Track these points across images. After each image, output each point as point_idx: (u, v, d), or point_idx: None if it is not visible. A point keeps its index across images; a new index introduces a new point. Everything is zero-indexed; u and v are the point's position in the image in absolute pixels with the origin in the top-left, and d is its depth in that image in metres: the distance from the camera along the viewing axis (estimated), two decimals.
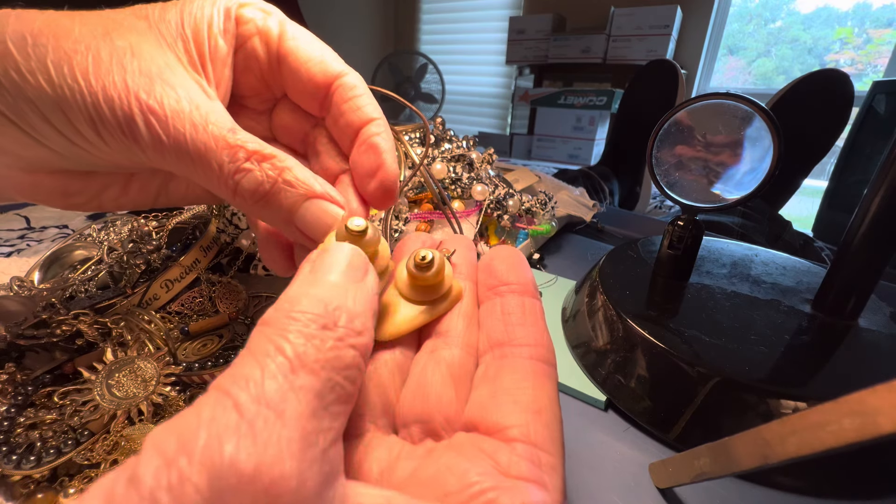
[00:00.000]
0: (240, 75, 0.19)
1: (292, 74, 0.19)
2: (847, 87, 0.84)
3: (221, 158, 0.15)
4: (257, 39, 0.18)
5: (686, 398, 0.26)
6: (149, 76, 0.14)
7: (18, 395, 0.23)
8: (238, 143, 0.15)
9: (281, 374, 0.10)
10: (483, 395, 0.14)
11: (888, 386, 0.13)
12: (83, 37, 0.14)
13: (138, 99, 0.14)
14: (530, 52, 1.99)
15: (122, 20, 0.15)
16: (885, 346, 0.28)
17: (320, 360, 0.10)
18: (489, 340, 0.15)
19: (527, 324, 0.15)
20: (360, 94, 0.19)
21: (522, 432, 0.12)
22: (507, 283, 0.16)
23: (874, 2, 1.67)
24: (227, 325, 0.30)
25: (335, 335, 0.11)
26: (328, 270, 0.12)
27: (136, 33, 0.15)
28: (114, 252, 0.31)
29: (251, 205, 0.15)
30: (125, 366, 0.24)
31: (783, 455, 0.16)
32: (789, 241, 0.77)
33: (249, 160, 0.15)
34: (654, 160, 0.34)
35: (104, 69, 0.14)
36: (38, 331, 0.25)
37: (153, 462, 0.08)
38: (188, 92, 0.15)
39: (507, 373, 0.14)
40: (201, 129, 0.15)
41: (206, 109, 0.15)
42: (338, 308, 0.11)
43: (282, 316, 0.11)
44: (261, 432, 0.08)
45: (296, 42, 0.18)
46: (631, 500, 0.23)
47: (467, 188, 0.44)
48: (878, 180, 0.27)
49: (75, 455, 0.22)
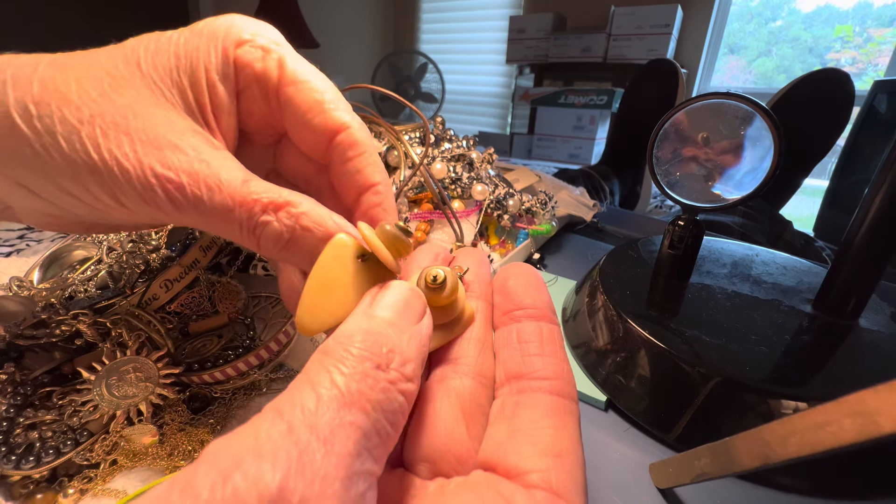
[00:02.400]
0: (243, 117, 0.19)
1: (292, 123, 0.18)
2: (848, 86, 0.84)
3: (241, 216, 0.15)
4: (256, 86, 0.17)
5: (686, 398, 0.26)
6: (156, 143, 0.14)
7: (18, 395, 0.23)
8: (253, 198, 0.15)
9: (335, 406, 0.10)
10: (500, 433, 0.13)
11: (888, 386, 0.13)
12: (84, 101, 0.14)
13: (154, 170, 0.14)
14: (530, 52, 1.99)
15: (116, 72, 0.15)
16: (886, 346, 0.28)
17: (371, 399, 0.10)
18: (506, 372, 0.14)
19: (545, 353, 0.14)
20: (362, 152, 0.18)
21: (543, 479, 0.12)
22: (523, 307, 0.15)
23: (875, 1, 1.67)
24: (227, 325, 0.29)
25: (387, 377, 0.11)
26: (386, 308, 0.12)
27: (133, 87, 0.15)
28: (113, 252, 0.31)
29: (275, 254, 0.16)
30: (125, 366, 0.24)
31: (783, 455, 0.16)
32: (790, 241, 0.77)
33: (266, 212, 0.15)
34: (654, 160, 0.34)
35: (114, 140, 0.14)
36: (37, 331, 0.25)
37: (210, 475, 0.08)
38: (196, 151, 0.15)
39: (525, 409, 0.13)
40: (216, 190, 0.15)
41: (217, 166, 0.15)
42: (391, 350, 0.11)
43: (339, 348, 0.11)
44: (309, 465, 0.08)
45: (296, 88, 0.17)
46: (631, 500, 0.23)
47: (467, 188, 0.44)
48: (879, 180, 0.27)
49: (75, 455, 0.22)
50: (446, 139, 0.49)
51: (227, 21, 0.17)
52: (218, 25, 0.17)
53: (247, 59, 0.17)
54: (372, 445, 0.10)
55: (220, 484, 0.08)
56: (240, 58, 0.17)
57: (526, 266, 0.17)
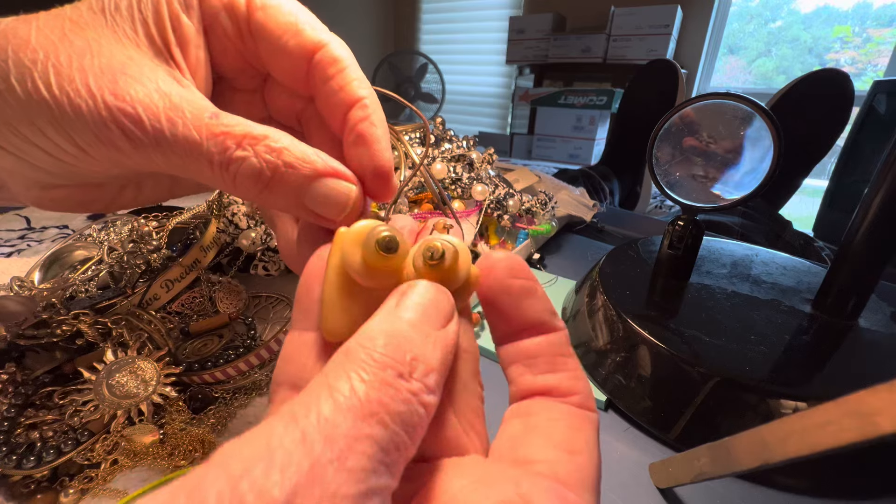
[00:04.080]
0: (218, 56, 0.17)
1: (267, 52, 0.17)
2: (847, 86, 0.84)
3: (209, 150, 0.13)
4: (224, 15, 0.16)
5: (686, 398, 0.26)
6: (111, 74, 0.13)
7: (18, 395, 0.23)
8: (223, 130, 0.14)
9: (352, 416, 0.09)
10: (515, 428, 0.13)
11: (888, 386, 0.13)
12: (41, 44, 0.13)
13: (105, 103, 0.13)
14: (530, 52, 1.99)
15: (79, 17, 0.14)
16: (886, 346, 0.28)
17: (391, 411, 0.10)
18: (518, 392, 0.14)
19: (557, 369, 0.13)
20: (343, 68, 0.16)
21: (550, 468, 0.11)
22: (522, 326, 0.14)
23: (874, 1, 1.67)
24: (227, 325, 0.30)
25: (409, 388, 0.10)
26: (411, 310, 0.12)
27: (93, 29, 0.14)
28: (114, 252, 0.31)
29: (255, 195, 0.14)
30: (125, 366, 0.24)
31: (783, 455, 0.16)
32: (789, 241, 0.77)
33: (241, 146, 0.14)
34: (654, 160, 0.34)
35: (66, 76, 0.13)
36: (38, 331, 0.25)
37: (219, 481, 0.08)
38: (157, 84, 0.14)
39: (541, 410, 0.13)
40: (180, 123, 0.13)
41: (180, 99, 0.14)
42: (415, 359, 0.11)
43: (361, 351, 0.10)
44: (320, 480, 0.08)
45: (265, 12, 0.16)
46: (631, 500, 0.23)
47: (467, 188, 0.44)
48: (879, 180, 0.27)
49: (75, 455, 0.22)
50: (446, 139, 0.49)
51: None
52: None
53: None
54: (389, 461, 0.09)
55: (228, 492, 0.08)
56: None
57: (509, 261, 0.14)
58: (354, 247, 0.13)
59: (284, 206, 0.15)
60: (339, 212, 0.15)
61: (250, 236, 0.34)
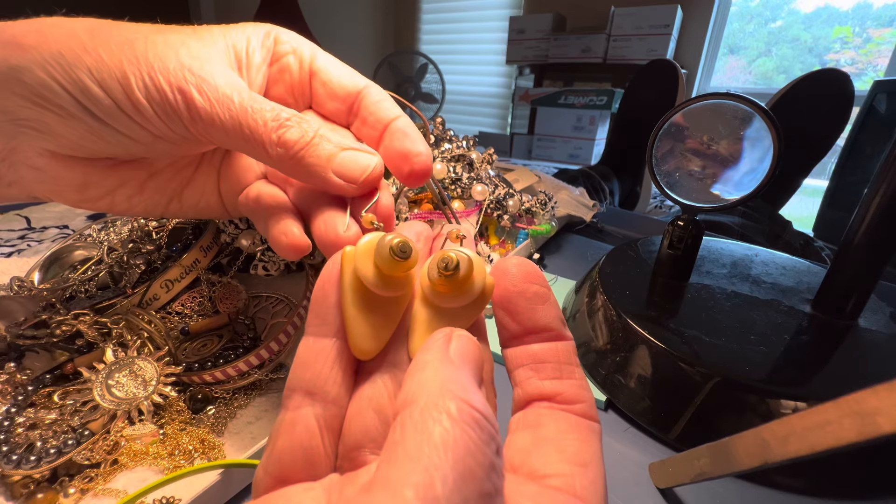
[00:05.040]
0: (270, 86, 0.21)
1: (324, 85, 0.21)
2: (847, 86, 0.84)
3: (265, 117, 0.17)
4: (292, 57, 0.21)
5: (686, 398, 0.26)
6: (199, 59, 0.17)
7: (18, 395, 0.23)
8: (277, 108, 0.17)
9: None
10: (524, 439, 0.13)
11: (888, 386, 0.13)
12: (140, 29, 0.17)
13: (191, 71, 0.17)
14: (530, 52, 1.99)
15: (170, 27, 0.18)
16: (885, 346, 0.28)
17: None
18: (524, 395, 0.14)
19: (563, 376, 0.14)
20: (385, 98, 0.21)
21: (567, 483, 0.11)
22: (533, 330, 0.14)
23: (874, 1, 1.67)
24: (227, 325, 0.30)
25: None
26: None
27: (184, 34, 0.18)
28: (114, 252, 0.31)
29: (290, 156, 0.17)
30: (125, 366, 0.24)
31: (783, 455, 0.16)
32: (789, 241, 0.77)
33: (288, 119, 0.17)
34: (654, 160, 0.34)
35: (160, 51, 0.17)
36: (38, 331, 0.25)
37: None
38: (230, 77, 0.18)
39: (550, 421, 0.13)
40: (247, 96, 0.17)
41: (244, 89, 0.17)
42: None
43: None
44: None
45: (326, 61, 0.21)
46: (631, 500, 0.23)
47: (467, 188, 0.44)
48: (879, 180, 0.27)
49: (75, 455, 0.22)
50: (446, 139, 0.49)
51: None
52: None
53: (285, 39, 0.21)
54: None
55: None
56: (279, 37, 0.21)
57: (525, 268, 0.15)
58: (366, 259, 0.13)
59: (313, 170, 0.17)
60: (359, 176, 0.18)
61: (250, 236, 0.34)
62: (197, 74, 0.17)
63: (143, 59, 0.16)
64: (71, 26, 0.16)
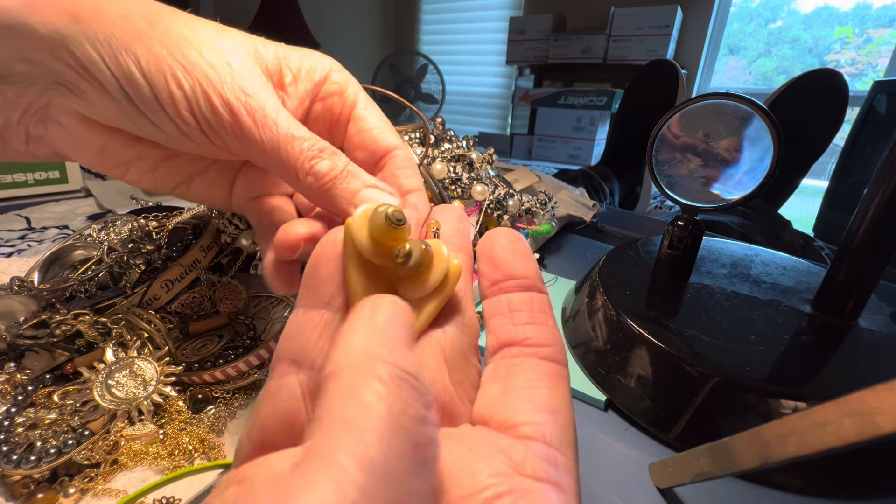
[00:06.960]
0: (311, 122, 0.22)
1: (358, 135, 0.22)
2: (841, 86, 0.84)
3: (303, 146, 0.17)
4: (337, 98, 0.21)
5: (686, 398, 0.26)
6: (251, 79, 0.17)
7: (18, 395, 0.23)
8: (315, 137, 0.18)
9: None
10: (494, 392, 0.13)
11: (888, 386, 0.13)
12: (197, 29, 0.17)
13: (243, 90, 0.17)
14: (530, 53, 1.99)
15: (229, 31, 0.19)
16: (885, 346, 0.28)
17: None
18: (497, 340, 0.15)
19: (536, 322, 0.14)
20: (408, 167, 0.21)
21: (538, 430, 0.12)
22: (512, 276, 0.15)
23: (874, 2, 1.67)
24: (227, 325, 0.30)
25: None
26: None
27: (239, 42, 0.19)
28: (114, 252, 0.31)
29: (319, 186, 0.18)
30: (125, 366, 0.24)
31: (783, 455, 0.16)
32: (789, 241, 0.77)
33: (322, 150, 0.18)
34: (654, 160, 0.34)
35: (216, 60, 0.17)
36: (38, 331, 0.25)
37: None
38: (275, 101, 0.18)
39: (519, 371, 0.13)
40: (291, 122, 0.18)
41: (288, 115, 0.18)
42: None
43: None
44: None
45: (367, 110, 0.22)
46: (631, 500, 0.23)
47: (467, 188, 0.44)
48: (879, 180, 0.27)
49: (75, 455, 0.22)
50: (446, 140, 0.49)
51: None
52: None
53: (336, 78, 0.21)
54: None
55: None
56: (331, 75, 0.21)
57: (511, 232, 0.16)
58: (362, 228, 0.14)
59: (337, 200, 0.18)
60: None
61: (250, 236, 0.34)
62: (247, 93, 0.17)
63: (197, 68, 0.17)
64: (130, 6, 0.17)
